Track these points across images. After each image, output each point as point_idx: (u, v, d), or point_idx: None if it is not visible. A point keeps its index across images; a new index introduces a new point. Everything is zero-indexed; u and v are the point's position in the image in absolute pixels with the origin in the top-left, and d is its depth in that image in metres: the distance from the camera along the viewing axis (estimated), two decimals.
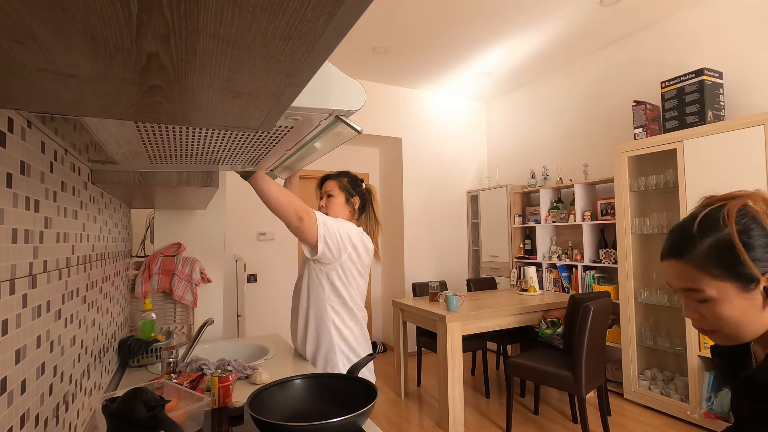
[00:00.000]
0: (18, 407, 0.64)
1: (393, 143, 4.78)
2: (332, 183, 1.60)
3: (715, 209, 0.69)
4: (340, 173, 1.64)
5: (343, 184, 1.60)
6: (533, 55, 3.90)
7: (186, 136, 0.76)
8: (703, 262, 0.67)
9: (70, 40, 0.30)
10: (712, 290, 0.67)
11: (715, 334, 0.70)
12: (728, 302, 0.66)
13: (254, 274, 4.12)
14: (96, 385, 1.20)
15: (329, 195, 1.59)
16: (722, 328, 0.68)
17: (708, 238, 0.67)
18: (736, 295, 0.66)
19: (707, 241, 0.67)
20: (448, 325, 2.71)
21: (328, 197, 1.59)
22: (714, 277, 0.66)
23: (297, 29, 0.30)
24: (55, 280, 0.81)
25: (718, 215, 0.68)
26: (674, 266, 0.71)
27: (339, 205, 1.58)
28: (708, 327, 0.70)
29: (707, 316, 0.69)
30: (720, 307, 0.67)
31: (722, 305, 0.67)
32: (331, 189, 1.59)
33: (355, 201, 1.60)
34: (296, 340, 1.59)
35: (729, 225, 0.66)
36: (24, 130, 0.66)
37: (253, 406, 0.98)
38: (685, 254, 0.69)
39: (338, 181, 1.60)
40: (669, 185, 2.99)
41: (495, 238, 4.54)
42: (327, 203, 1.59)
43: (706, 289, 0.67)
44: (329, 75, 0.69)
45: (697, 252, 0.68)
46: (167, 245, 2.07)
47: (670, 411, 2.85)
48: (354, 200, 1.60)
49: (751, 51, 2.83)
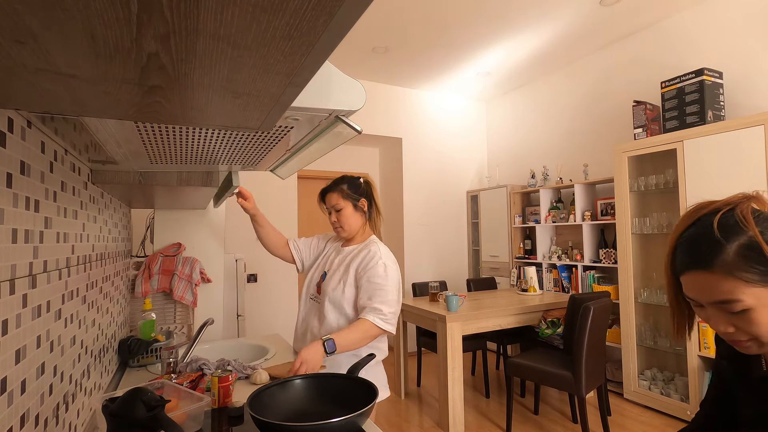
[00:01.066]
0: (18, 407, 0.64)
1: (393, 143, 4.78)
2: (334, 196, 1.56)
3: (726, 214, 0.65)
4: (337, 182, 1.58)
5: (345, 192, 1.55)
6: (533, 55, 3.90)
7: (186, 136, 0.76)
8: (735, 268, 0.61)
9: (70, 40, 0.30)
10: (749, 299, 0.61)
11: (751, 342, 0.65)
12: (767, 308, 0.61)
13: (254, 274, 4.12)
14: (96, 385, 1.20)
15: (337, 210, 1.55)
16: (761, 336, 0.63)
17: (734, 242, 0.62)
18: None
19: (734, 246, 0.61)
20: (448, 325, 2.71)
21: (336, 212, 1.55)
22: (749, 283, 0.61)
23: (297, 29, 0.30)
24: (55, 280, 0.81)
25: (734, 219, 0.63)
26: (700, 278, 0.64)
27: (350, 215, 1.55)
28: (744, 337, 0.65)
29: (743, 327, 0.63)
30: (759, 314, 0.61)
31: (761, 312, 0.61)
32: (336, 202, 1.55)
33: (363, 204, 1.57)
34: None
35: (750, 227, 0.62)
36: (24, 130, 0.66)
37: (253, 406, 0.98)
38: (714, 263, 0.62)
39: (339, 192, 1.55)
40: (669, 185, 2.99)
41: (495, 238, 4.54)
42: (338, 218, 1.55)
43: (744, 298, 0.61)
44: (329, 75, 0.69)
45: (726, 258, 0.61)
46: (167, 245, 2.07)
47: (670, 411, 2.85)
48: (362, 203, 1.56)
49: (751, 51, 2.83)
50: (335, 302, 1.48)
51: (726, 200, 0.68)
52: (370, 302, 1.41)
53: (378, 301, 1.40)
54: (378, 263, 1.45)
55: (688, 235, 0.68)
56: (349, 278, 1.48)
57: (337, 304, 1.48)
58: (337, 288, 1.49)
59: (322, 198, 1.62)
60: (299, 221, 4.54)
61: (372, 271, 1.44)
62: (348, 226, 1.55)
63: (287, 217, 4.26)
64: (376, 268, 1.44)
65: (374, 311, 1.38)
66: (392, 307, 1.42)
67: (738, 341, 0.66)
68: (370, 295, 1.42)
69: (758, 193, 0.68)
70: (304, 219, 4.61)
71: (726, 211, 0.65)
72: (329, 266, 1.58)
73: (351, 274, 1.48)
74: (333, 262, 1.58)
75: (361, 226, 1.57)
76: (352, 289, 1.48)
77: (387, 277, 1.44)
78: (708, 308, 0.66)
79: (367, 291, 1.43)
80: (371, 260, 1.46)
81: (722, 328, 0.65)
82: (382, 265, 1.45)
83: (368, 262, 1.46)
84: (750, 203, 0.66)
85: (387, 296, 1.41)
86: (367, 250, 1.50)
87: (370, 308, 1.39)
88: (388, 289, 1.42)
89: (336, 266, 1.55)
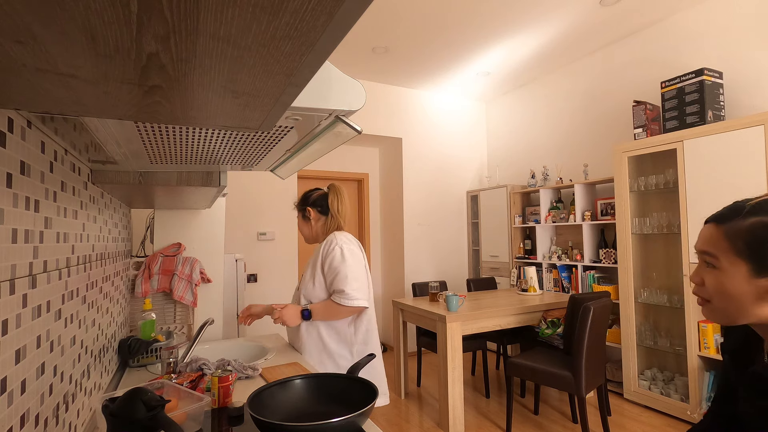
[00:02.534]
0: (18, 407, 0.64)
1: (393, 143, 4.78)
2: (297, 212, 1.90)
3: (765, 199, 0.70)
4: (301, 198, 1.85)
5: (297, 205, 1.84)
6: (533, 55, 3.90)
7: (186, 136, 0.76)
8: (735, 234, 0.68)
9: (70, 40, 0.30)
10: (726, 261, 0.69)
11: (707, 305, 0.73)
12: (733, 279, 0.68)
13: (254, 274, 4.12)
14: (96, 385, 1.20)
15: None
16: (716, 301, 0.71)
17: (754, 218, 0.68)
18: (744, 277, 0.67)
19: (751, 220, 0.68)
20: (448, 325, 2.71)
21: None
22: (735, 251, 0.68)
23: (297, 29, 0.30)
24: (55, 280, 0.81)
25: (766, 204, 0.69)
26: (709, 229, 0.73)
27: (301, 224, 1.82)
28: (704, 295, 0.73)
29: (708, 284, 0.71)
30: (724, 278, 0.69)
31: (727, 278, 0.69)
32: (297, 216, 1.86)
33: (309, 212, 1.78)
34: None
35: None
36: (24, 130, 0.66)
37: (253, 406, 0.98)
38: (725, 222, 0.70)
39: (297, 207, 1.85)
40: (669, 185, 2.99)
41: (495, 238, 4.54)
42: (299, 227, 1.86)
43: (722, 257, 0.69)
44: (329, 75, 0.69)
45: (736, 224, 0.69)
46: (167, 245, 2.07)
47: (670, 411, 2.85)
48: (308, 212, 1.78)
49: (751, 51, 2.83)
50: (309, 296, 1.69)
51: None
52: (332, 286, 1.62)
53: (339, 283, 1.59)
54: (334, 249, 1.63)
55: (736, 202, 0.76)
56: (316, 273, 1.67)
57: (311, 297, 1.68)
58: (308, 284, 1.69)
59: None
60: None
61: (329, 257, 1.63)
62: (305, 233, 1.81)
63: (287, 217, 4.26)
64: (333, 254, 1.62)
65: (336, 293, 1.60)
66: (352, 284, 1.59)
67: (699, 298, 0.75)
68: (331, 280, 1.62)
69: None
70: None
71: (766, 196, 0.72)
72: (305, 268, 1.78)
73: (317, 268, 1.67)
74: (307, 264, 1.78)
75: (318, 230, 1.78)
76: (321, 280, 1.66)
77: (343, 260, 1.61)
78: (698, 256, 0.75)
79: (329, 277, 1.63)
80: (329, 249, 1.65)
81: (694, 277, 0.75)
82: (338, 249, 1.63)
83: (327, 253, 1.64)
84: None
85: (346, 276, 1.59)
86: (326, 243, 1.68)
87: (335, 291, 1.61)
88: (345, 270, 1.60)
89: (308, 266, 1.74)
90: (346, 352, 1.65)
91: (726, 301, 0.70)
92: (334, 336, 1.65)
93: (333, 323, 1.66)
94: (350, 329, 1.67)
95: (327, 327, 1.65)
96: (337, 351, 1.65)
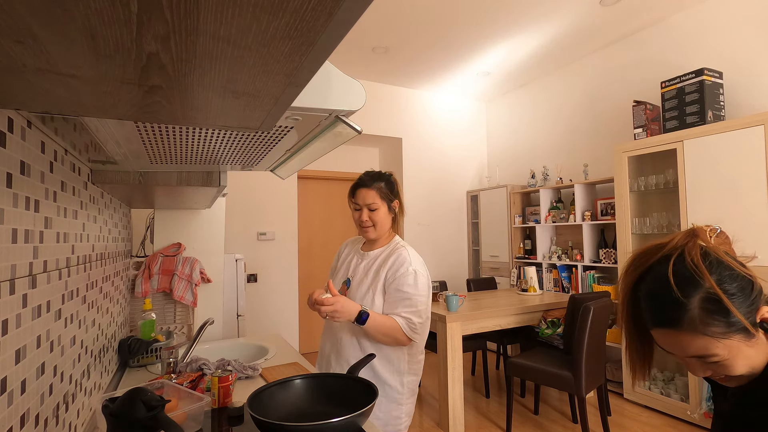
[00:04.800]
0: (18, 407, 0.64)
1: (393, 143, 4.78)
2: (371, 194, 1.44)
3: (677, 262, 0.66)
4: (373, 177, 1.47)
5: (384, 192, 1.45)
6: (533, 55, 3.90)
7: (186, 136, 0.76)
8: (702, 325, 0.63)
9: (70, 40, 0.30)
10: (722, 351, 0.64)
11: (730, 379, 0.69)
12: (740, 355, 0.64)
13: (254, 274, 4.12)
14: (96, 385, 1.20)
15: (372, 209, 1.45)
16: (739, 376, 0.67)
17: (693, 298, 0.63)
18: (744, 345, 0.64)
19: (696, 302, 0.63)
20: (448, 325, 2.71)
21: (371, 211, 1.45)
22: (719, 336, 0.63)
23: (297, 29, 0.30)
24: (55, 280, 0.81)
25: (687, 271, 0.64)
26: (671, 336, 0.66)
27: (384, 216, 1.46)
28: (722, 376, 0.68)
29: (719, 371, 0.67)
30: (733, 362, 0.64)
31: (735, 360, 0.64)
32: (372, 200, 1.44)
33: (396, 206, 1.49)
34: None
35: (705, 278, 0.63)
36: (24, 130, 0.66)
37: (253, 406, 0.98)
38: (681, 323, 0.64)
39: (377, 190, 1.44)
40: (669, 185, 2.99)
41: (495, 238, 4.54)
42: (372, 217, 1.45)
43: (717, 352, 0.64)
44: (329, 75, 0.69)
45: (691, 317, 0.63)
46: (167, 245, 2.07)
47: (670, 411, 2.85)
48: (394, 205, 1.49)
49: (751, 51, 2.83)
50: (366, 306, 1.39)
51: (672, 243, 0.69)
52: (398, 311, 1.36)
53: (406, 312, 1.35)
54: (408, 270, 1.37)
55: (647, 289, 0.69)
56: (378, 286, 1.40)
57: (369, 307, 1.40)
58: (366, 296, 1.41)
59: (352, 193, 1.49)
60: (299, 221, 4.54)
61: (401, 279, 1.37)
62: (380, 227, 1.46)
63: (287, 217, 4.26)
64: (406, 277, 1.37)
65: (403, 318, 1.34)
66: (421, 317, 1.36)
67: (717, 378, 0.70)
68: (398, 305, 1.36)
69: (698, 229, 0.69)
70: (304, 219, 4.61)
71: (676, 257, 0.66)
72: (353, 272, 1.49)
73: (381, 281, 1.40)
74: (357, 268, 1.49)
75: (386, 230, 1.49)
76: (381, 297, 1.40)
77: (417, 287, 1.37)
78: (684, 358, 0.68)
79: (396, 300, 1.37)
80: (401, 267, 1.38)
81: (700, 373, 0.68)
82: (413, 272, 1.38)
83: (398, 269, 1.38)
84: (696, 243, 0.66)
85: (416, 306, 1.36)
86: (396, 255, 1.41)
87: (400, 316, 1.35)
88: (417, 300, 1.36)
89: (362, 273, 1.46)
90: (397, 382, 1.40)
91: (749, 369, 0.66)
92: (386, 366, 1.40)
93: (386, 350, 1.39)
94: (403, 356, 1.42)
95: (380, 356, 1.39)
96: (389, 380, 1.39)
